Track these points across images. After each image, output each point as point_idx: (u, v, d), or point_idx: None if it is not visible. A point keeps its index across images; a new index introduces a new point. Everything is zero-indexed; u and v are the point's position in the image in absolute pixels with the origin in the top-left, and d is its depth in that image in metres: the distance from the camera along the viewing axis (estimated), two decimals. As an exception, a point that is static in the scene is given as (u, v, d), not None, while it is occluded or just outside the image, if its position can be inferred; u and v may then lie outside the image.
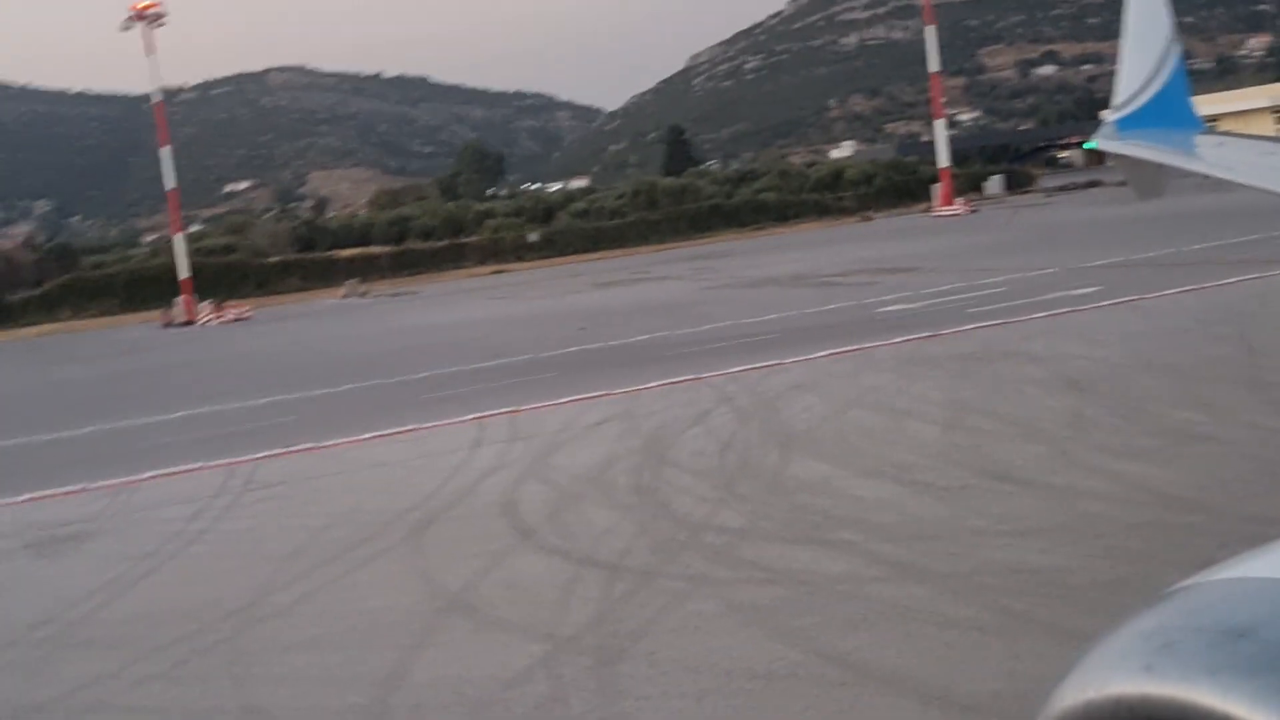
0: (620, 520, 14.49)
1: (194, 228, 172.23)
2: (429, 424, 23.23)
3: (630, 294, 55.02)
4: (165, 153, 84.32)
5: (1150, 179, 14.24)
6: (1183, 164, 11.88)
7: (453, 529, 15.12)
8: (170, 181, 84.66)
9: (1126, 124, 13.19)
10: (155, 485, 20.70)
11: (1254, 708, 1.27)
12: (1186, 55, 13.82)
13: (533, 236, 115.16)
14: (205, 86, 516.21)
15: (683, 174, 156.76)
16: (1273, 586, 1.48)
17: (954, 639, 9.52)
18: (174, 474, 21.35)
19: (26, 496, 20.79)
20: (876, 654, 9.41)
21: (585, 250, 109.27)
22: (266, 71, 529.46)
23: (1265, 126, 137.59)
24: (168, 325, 75.92)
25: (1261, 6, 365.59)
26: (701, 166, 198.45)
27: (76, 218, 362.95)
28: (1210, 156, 11.58)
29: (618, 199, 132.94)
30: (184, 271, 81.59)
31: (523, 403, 24.18)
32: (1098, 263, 38.84)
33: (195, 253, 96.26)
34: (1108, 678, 1.44)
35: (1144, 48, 13.38)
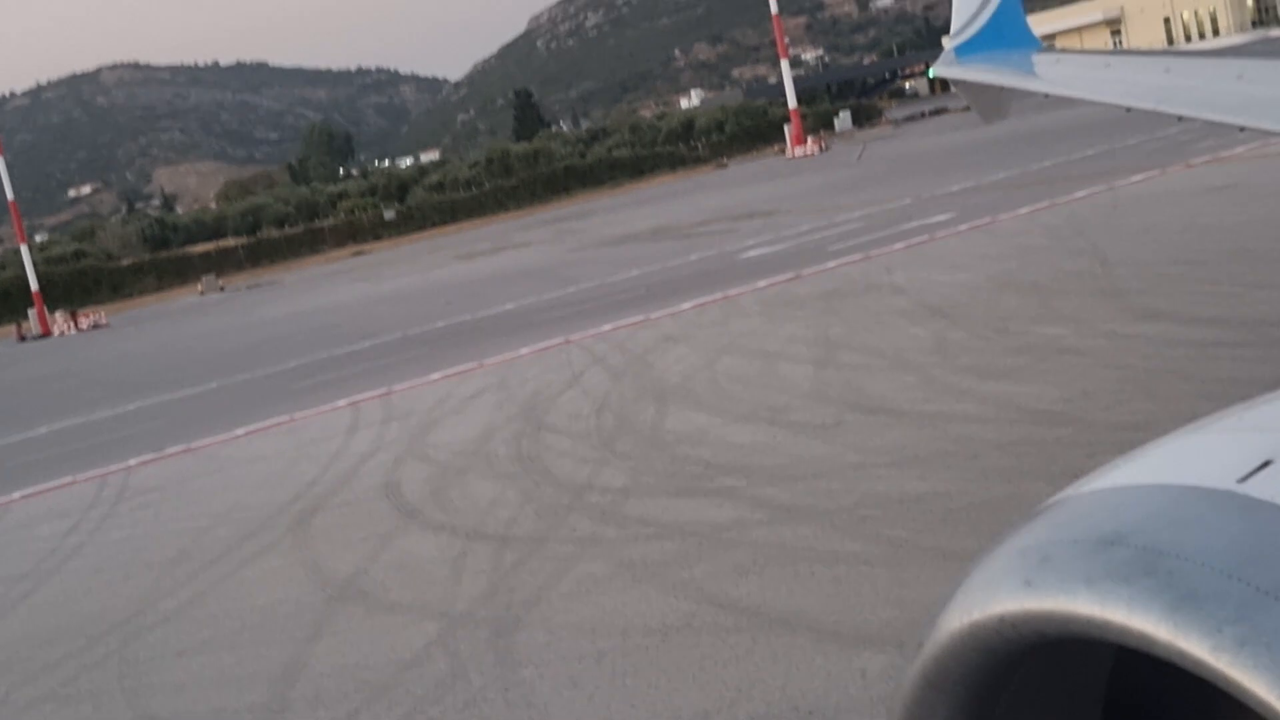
0: (504, 490, 14.46)
1: (40, 237, 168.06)
2: (303, 413, 22.96)
3: (493, 263, 54.78)
4: (0, 162, 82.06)
5: (993, 102, 14.48)
6: (1023, 85, 12.09)
7: (337, 516, 14.98)
8: (9, 192, 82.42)
9: (965, 49, 13.38)
10: (26, 504, 20.23)
11: (1131, 612, 1.30)
12: (1017, -23, 14.02)
13: (389, 214, 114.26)
14: (37, 91, 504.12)
15: (534, 138, 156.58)
16: (1141, 493, 1.51)
17: (842, 574, 9.65)
18: (45, 490, 20.88)
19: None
20: (768, 597, 9.50)
21: (443, 223, 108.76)
22: (99, 70, 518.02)
23: (1102, 39, 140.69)
24: (22, 339, 74.26)
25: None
26: (552, 128, 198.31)
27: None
28: (1049, 75, 11.79)
29: (471, 168, 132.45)
30: (34, 283, 79.60)
31: (396, 382, 24.01)
32: (950, 189, 39.41)
33: (44, 262, 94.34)
34: (990, 596, 1.46)
35: (975, -27, 13.56)
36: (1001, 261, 23.74)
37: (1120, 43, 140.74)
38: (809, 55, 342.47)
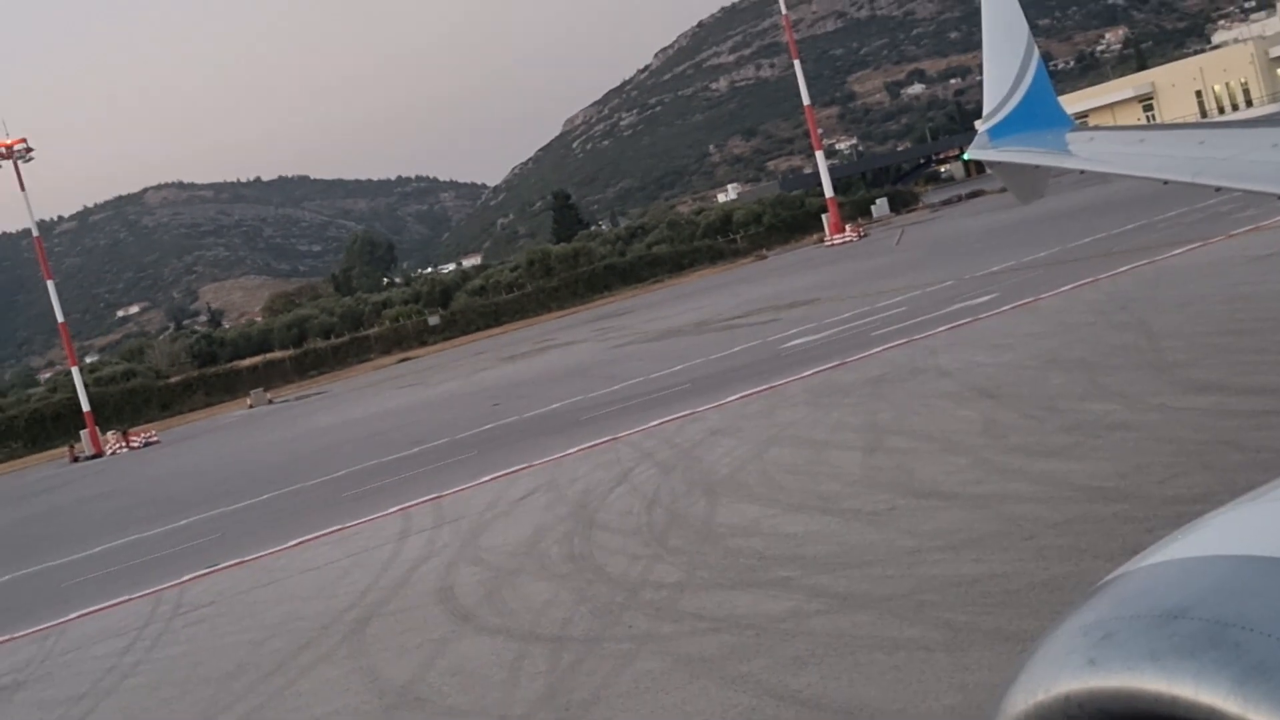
0: (558, 591, 14.40)
1: (90, 358, 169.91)
2: (355, 521, 22.99)
3: (538, 363, 54.97)
4: (50, 286, 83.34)
5: (1029, 182, 14.51)
6: (1057, 163, 12.11)
7: (392, 623, 14.95)
8: (60, 315, 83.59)
9: (998, 131, 13.43)
10: (83, 624, 20.29)
11: (1199, 686, 1.28)
12: (1046, 57, 14.13)
13: (433, 320, 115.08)
14: (84, 214, 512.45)
15: (574, 238, 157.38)
16: (1201, 565, 1.49)
17: (902, 661, 9.53)
18: (101, 609, 20.94)
19: (-48, 653, 20.28)
20: (828, 687, 9.39)
21: (487, 326, 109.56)
22: (144, 191, 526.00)
23: (1134, 115, 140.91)
24: (75, 460, 74.87)
25: (1113, 0, 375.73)
26: (591, 228, 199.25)
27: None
28: (1083, 152, 11.80)
29: (513, 271, 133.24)
30: (85, 404, 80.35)
31: (446, 487, 24.03)
32: (991, 269, 39.38)
33: (95, 382, 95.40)
34: (1054, 677, 1.44)
35: (1004, 56, 13.66)
36: (1046, 340, 23.64)
37: (1153, 117, 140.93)
38: (843, 144, 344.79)
